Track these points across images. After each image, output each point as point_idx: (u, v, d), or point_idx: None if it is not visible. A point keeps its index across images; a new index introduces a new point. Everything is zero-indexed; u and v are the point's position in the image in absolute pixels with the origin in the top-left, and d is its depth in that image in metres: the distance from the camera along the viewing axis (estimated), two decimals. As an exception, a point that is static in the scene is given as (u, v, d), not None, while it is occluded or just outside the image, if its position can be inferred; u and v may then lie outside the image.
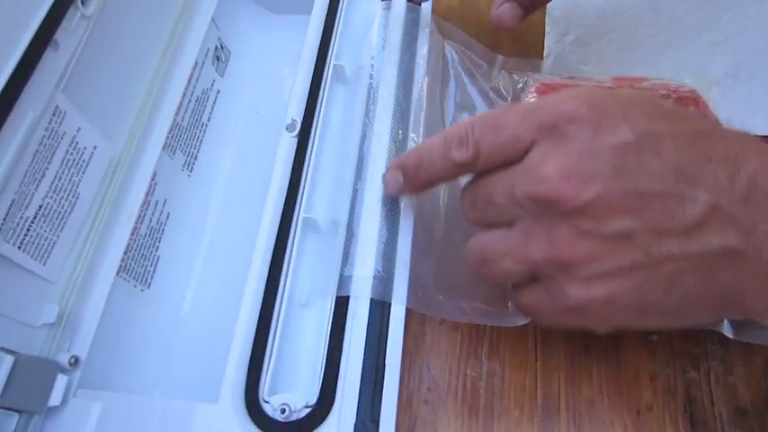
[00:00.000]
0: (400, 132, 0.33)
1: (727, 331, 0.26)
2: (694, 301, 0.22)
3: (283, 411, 0.26)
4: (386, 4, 0.38)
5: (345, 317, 0.28)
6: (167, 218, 0.35)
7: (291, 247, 0.30)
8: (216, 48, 0.40)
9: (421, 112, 0.35)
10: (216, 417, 0.26)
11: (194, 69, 0.37)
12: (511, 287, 0.26)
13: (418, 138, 0.34)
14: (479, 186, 0.25)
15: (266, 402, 0.26)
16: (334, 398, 0.26)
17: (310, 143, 0.33)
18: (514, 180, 0.23)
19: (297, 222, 0.31)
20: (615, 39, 0.40)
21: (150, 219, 0.34)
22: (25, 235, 0.27)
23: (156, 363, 0.32)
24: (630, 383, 0.28)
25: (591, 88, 0.24)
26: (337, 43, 0.37)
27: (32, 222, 0.27)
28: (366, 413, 0.26)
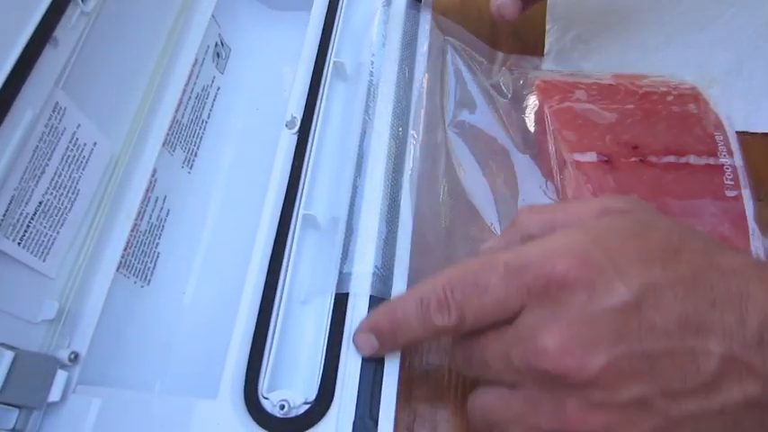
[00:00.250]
0: (400, 129, 0.33)
1: None
2: None
3: (282, 407, 0.26)
4: (386, 1, 0.38)
5: (345, 313, 0.28)
6: (167, 214, 0.35)
7: (291, 244, 0.30)
8: (216, 45, 0.40)
9: (421, 109, 0.35)
10: (215, 412, 0.26)
11: (194, 66, 0.37)
12: None
13: (418, 135, 0.34)
14: (471, 347, 0.24)
15: (265, 398, 0.26)
16: (333, 394, 0.26)
17: (310, 140, 0.33)
18: (509, 347, 0.22)
19: (296, 219, 0.31)
20: (616, 35, 0.40)
21: (150, 215, 0.34)
22: (25, 231, 0.27)
23: (156, 359, 0.32)
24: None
25: (573, 234, 0.22)
26: (337, 40, 0.37)
27: (32, 218, 0.27)
28: (365, 409, 0.26)
